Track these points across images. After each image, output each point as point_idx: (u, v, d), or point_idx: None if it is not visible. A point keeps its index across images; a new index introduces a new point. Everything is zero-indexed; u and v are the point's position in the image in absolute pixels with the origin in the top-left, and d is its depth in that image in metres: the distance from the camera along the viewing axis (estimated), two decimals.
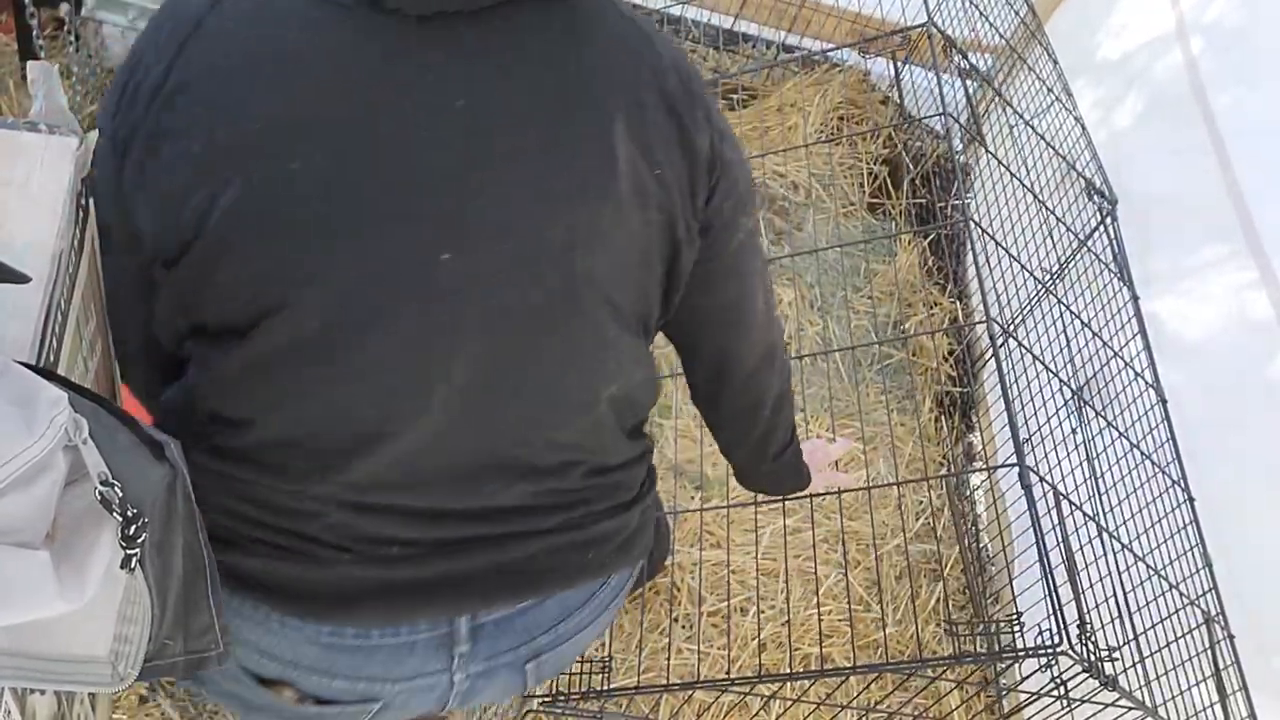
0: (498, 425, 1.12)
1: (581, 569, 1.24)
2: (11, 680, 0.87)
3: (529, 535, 1.19)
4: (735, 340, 1.35)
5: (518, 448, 1.14)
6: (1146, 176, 2.85)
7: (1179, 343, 2.58)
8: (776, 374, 1.45)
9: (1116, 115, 3.04)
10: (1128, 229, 2.78)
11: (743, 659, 2.55)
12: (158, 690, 2.26)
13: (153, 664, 1.01)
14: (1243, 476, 2.30)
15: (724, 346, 1.36)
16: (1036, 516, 1.79)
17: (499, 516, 1.17)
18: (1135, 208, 2.82)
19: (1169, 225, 2.73)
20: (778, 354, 1.43)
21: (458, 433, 1.10)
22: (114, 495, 0.83)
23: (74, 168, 0.99)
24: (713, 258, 1.20)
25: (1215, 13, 2.82)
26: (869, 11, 3.51)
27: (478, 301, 1.04)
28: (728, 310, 1.30)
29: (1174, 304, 2.61)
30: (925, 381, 3.28)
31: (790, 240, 3.46)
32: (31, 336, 0.93)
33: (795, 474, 1.62)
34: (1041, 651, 1.67)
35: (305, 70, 0.93)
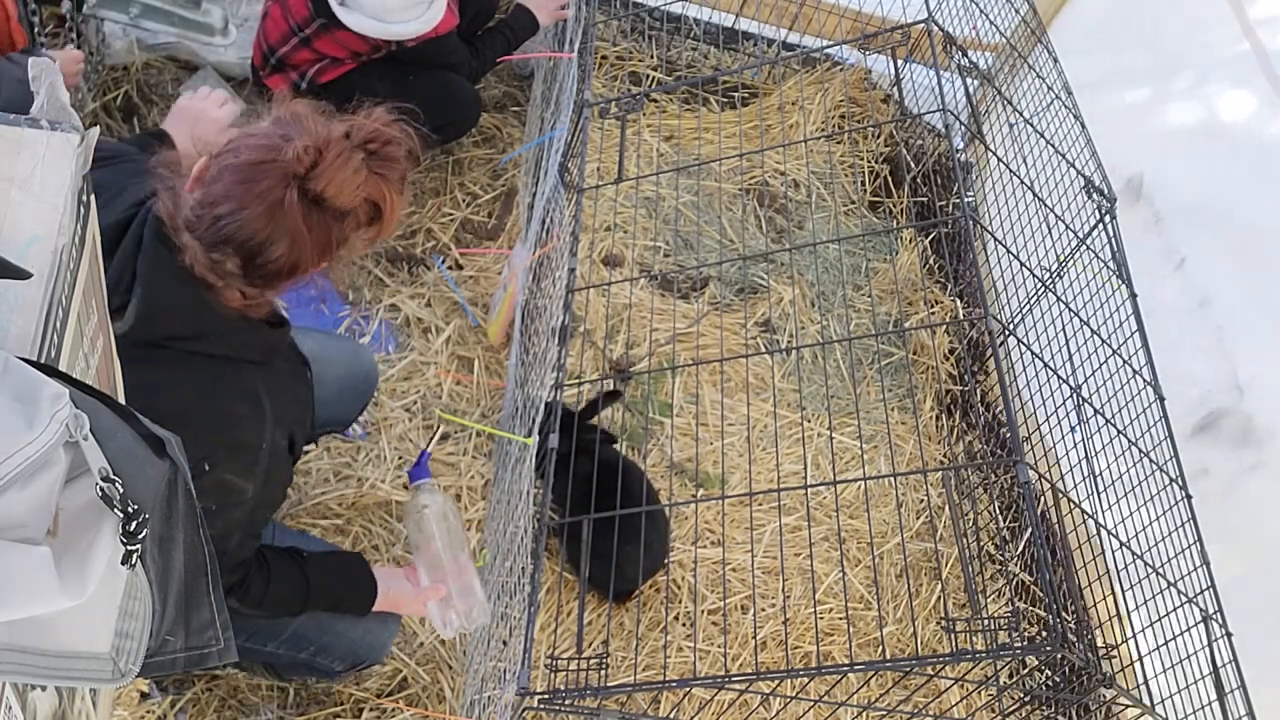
0: None
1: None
2: (13, 675, 0.88)
3: None
4: None
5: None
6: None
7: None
8: None
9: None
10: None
11: (742, 657, 2.56)
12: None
13: (154, 660, 1.01)
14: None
15: None
16: (1034, 514, 1.79)
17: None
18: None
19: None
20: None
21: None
22: (115, 491, 0.84)
23: (75, 164, 1.00)
24: None
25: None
26: (869, 9, 3.51)
27: None
28: None
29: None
30: (926, 380, 3.29)
31: (790, 238, 3.46)
32: (33, 332, 0.94)
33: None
34: (1040, 649, 1.67)
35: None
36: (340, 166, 1.55)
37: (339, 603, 2.03)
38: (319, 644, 2.08)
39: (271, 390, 1.72)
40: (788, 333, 3.22)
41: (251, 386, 1.69)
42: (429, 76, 3.09)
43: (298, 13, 2.91)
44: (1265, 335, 2.63)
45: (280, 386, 1.76)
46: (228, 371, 1.66)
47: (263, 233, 1.54)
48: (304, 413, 1.89)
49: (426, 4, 2.90)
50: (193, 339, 1.60)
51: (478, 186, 3.37)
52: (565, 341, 2.06)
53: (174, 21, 3.05)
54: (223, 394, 1.64)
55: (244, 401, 1.67)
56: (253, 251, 1.55)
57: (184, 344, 1.61)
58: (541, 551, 1.91)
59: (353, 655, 2.12)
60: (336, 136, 1.57)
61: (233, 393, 1.65)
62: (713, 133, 3.61)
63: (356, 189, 1.57)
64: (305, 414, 1.90)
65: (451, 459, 2.77)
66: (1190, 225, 2.85)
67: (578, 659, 1.76)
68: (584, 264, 3.11)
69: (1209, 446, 2.58)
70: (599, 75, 3.75)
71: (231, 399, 1.65)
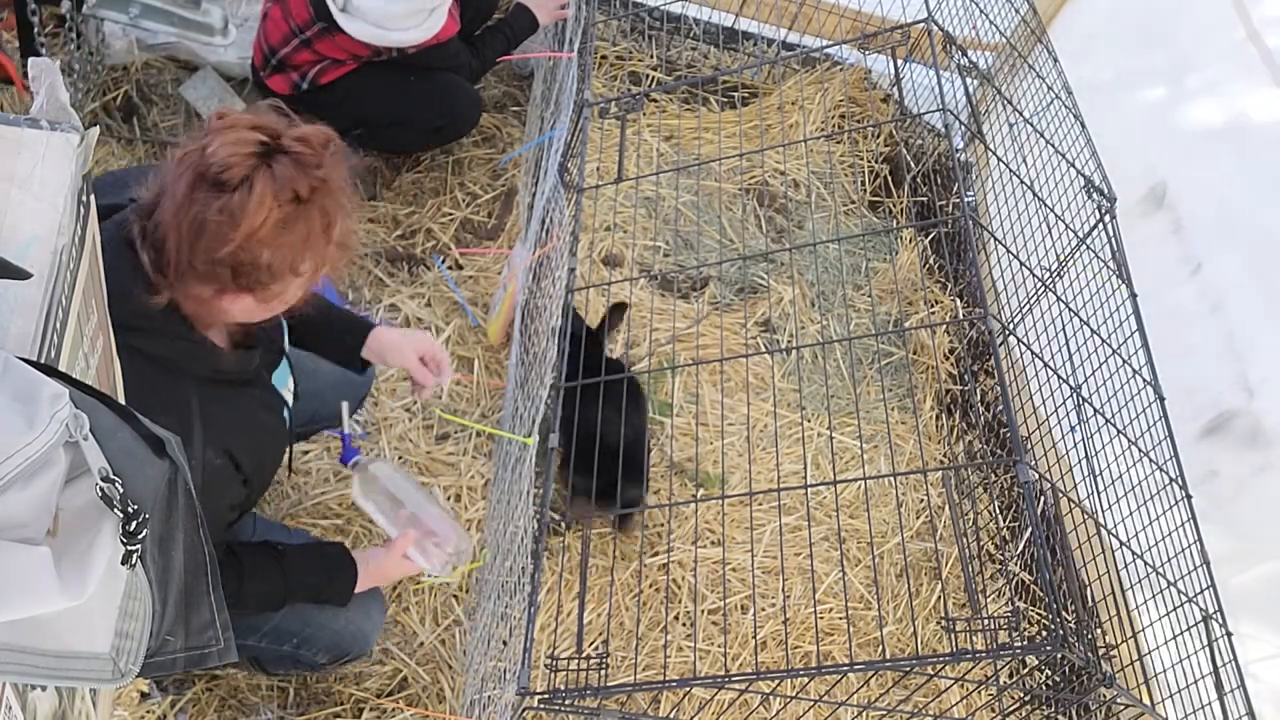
0: None
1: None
2: (13, 676, 0.88)
3: None
4: None
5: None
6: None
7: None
8: None
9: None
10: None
11: (742, 656, 2.56)
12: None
13: (154, 660, 1.01)
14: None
15: None
16: (1035, 513, 1.79)
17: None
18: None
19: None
20: None
21: None
22: (115, 491, 0.84)
23: (75, 164, 0.99)
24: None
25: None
26: (869, 9, 3.51)
27: None
28: None
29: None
30: (926, 380, 3.29)
31: (790, 238, 3.46)
32: (33, 332, 0.94)
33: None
34: (1040, 649, 1.67)
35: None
36: (223, 133, 1.52)
37: (319, 594, 2.03)
38: (301, 636, 2.08)
39: (210, 409, 1.68)
40: (788, 332, 3.22)
41: (184, 399, 1.65)
42: (429, 78, 3.09)
43: (298, 15, 2.91)
44: (1276, 336, 2.63)
45: (227, 407, 1.73)
46: (161, 378, 1.62)
47: (166, 217, 1.54)
48: (262, 441, 1.87)
49: (427, 12, 2.90)
50: (130, 330, 1.54)
51: (478, 186, 3.37)
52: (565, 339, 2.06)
53: (174, 21, 3.05)
54: (146, 397, 1.49)
55: (169, 414, 1.58)
56: (159, 243, 1.55)
57: (122, 334, 1.58)
58: (541, 551, 1.91)
59: (336, 647, 2.11)
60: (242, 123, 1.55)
61: (156, 401, 1.53)
62: (713, 132, 3.61)
63: (243, 160, 1.51)
64: (264, 442, 1.88)
65: (451, 459, 2.77)
66: (1207, 231, 2.85)
67: (578, 659, 1.76)
68: (584, 264, 3.11)
69: (1219, 449, 2.58)
70: (599, 75, 3.75)
71: (154, 409, 1.56)
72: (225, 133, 1.52)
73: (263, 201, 1.51)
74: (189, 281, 1.56)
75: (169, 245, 1.53)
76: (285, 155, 1.54)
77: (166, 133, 3.23)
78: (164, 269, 1.55)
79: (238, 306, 1.61)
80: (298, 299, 1.69)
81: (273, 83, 3.04)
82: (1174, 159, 3.00)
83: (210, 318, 1.66)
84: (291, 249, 1.56)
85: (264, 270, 1.56)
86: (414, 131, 3.23)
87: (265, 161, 1.52)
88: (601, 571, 2.61)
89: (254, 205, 1.50)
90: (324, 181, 1.56)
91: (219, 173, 1.50)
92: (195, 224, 1.51)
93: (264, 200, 1.51)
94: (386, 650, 2.43)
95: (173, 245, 1.53)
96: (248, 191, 1.50)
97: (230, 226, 1.51)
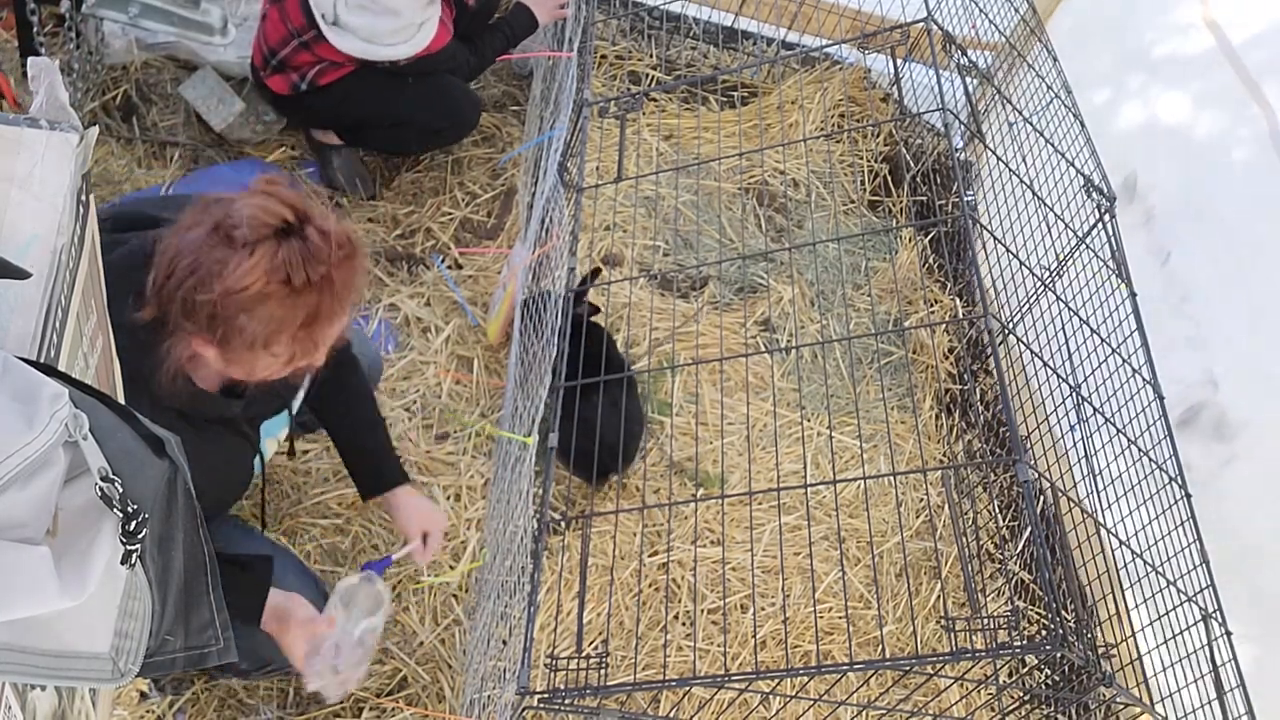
0: None
1: None
2: (13, 675, 0.88)
3: None
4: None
5: None
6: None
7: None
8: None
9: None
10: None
11: (742, 656, 2.56)
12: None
13: (153, 659, 1.01)
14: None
15: None
16: (1034, 513, 1.79)
17: None
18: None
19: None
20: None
21: None
22: (114, 491, 0.84)
23: (74, 163, 0.99)
24: None
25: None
26: (869, 8, 3.51)
27: None
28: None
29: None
30: (925, 379, 3.29)
31: (790, 237, 3.46)
32: (32, 332, 0.94)
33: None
34: (1040, 648, 1.67)
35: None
36: (258, 197, 1.58)
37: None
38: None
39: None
40: (787, 332, 3.22)
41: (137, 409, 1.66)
42: (429, 80, 3.09)
43: (295, 19, 2.91)
44: (1238, 327, 2.64)
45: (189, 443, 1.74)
46: (125, 384, 1.64)
47: (176, 245, 1.59)
48: (205, 481, 1.88)
49: (416, 27, 2.90)
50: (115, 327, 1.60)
51: (477, 186, 3.37)
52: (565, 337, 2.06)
53: (173, 21, 3.05)
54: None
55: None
56: (162, 265, 1.59)
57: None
58: (541, 551, 1.91)
59: (256, 656, 2.07)
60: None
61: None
62: (712, 132, 3.61)
63: (258, 227, 1.56)
64: (207, 482, 1.89)
65: (451, 458, 2.77)
66: (1175, 222, 2.87)
67: (577, 658, 1.76)
68: (584, 263, 3.11)
69: (1189, 441, 2.59)
70: (598, 74, 3.75)
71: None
72: (260, 197, 1.59)
73: (253, 270, 1.55)
74: (172, 310, 1.60)
75: (165, 269, 1.58)
76: (298, 240, 1.58)
77: (166, 132, 3.23)
78: (158, 290, 1.60)
79: (207, 353, 1.65)
80: (269, 375, 1.71)
81: (272, 83, 3.04)
82: (1142, 151, 3.03)
83: (183, 352, 1.67)
84: (266, 325, 1.60)
85: (237, 332, 1.60)
86: (413, 133, 3.23)
87: (278, 237, 1.57)
88: (601, 571, 2.61)
89: (244, 269, 1.55)
90: (322, 279, 1.59)
91: (232, 228, 1.56)
92: (193, 262, 1.56)
93: (255, 269, 1.55)
94: (386, 650, 2.43)
95: (167, 271, 1.58)
96: (246, 255, 1.55)
97: (217, 278, 1.55)
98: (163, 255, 1.59)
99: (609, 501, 2.76)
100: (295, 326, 1.61)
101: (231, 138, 3.22)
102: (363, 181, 3.27)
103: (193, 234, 1.58)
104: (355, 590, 2.10)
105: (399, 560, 2.20)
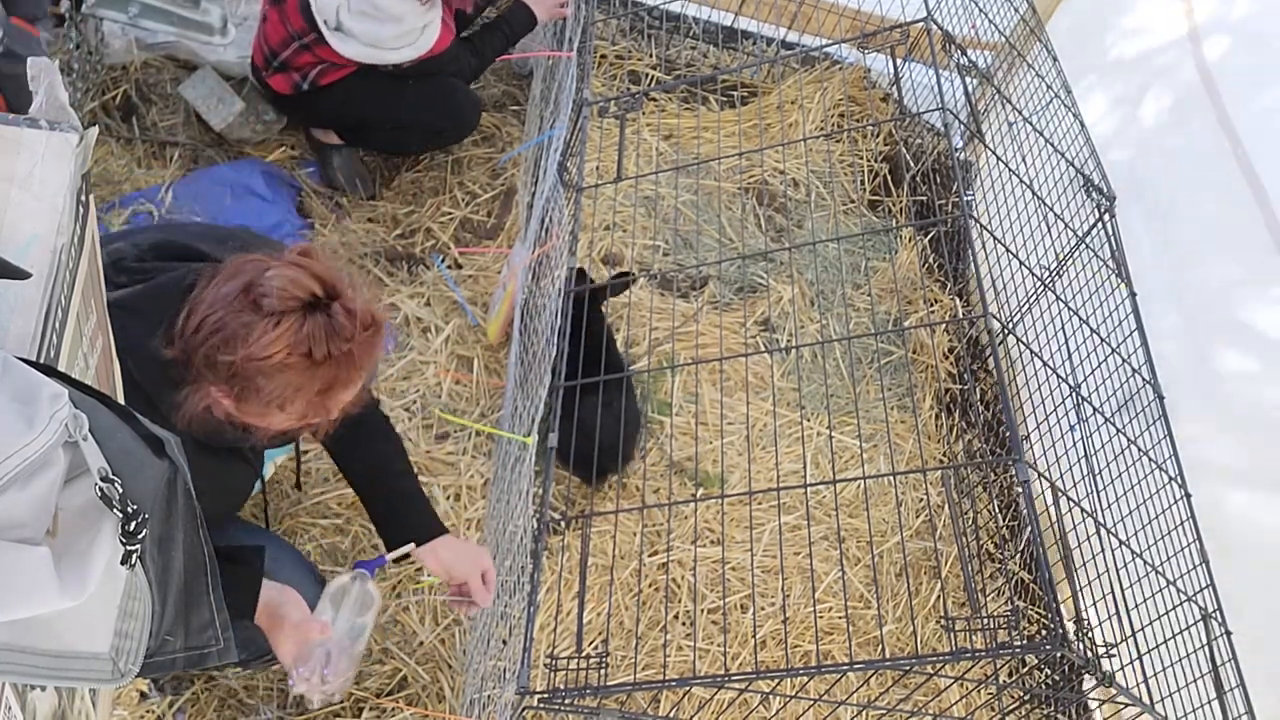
0: None
1: None
2: (13, 676, 0.88)
3: None
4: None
5: None
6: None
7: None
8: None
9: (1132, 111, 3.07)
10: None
11: (742, 656, 2.56)
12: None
13: (153, 660, 1.01)
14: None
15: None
16: (1034, 512, 1.79)
17: None
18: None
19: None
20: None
21: None
22: (114, 492, 0.84)
23: (74, 164, 0.99)
24: None
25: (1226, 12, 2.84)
26: (869, 8, 3.51)
27: None
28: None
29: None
30: (925, 379, 3.29)
31: (790, 237, 3.46)
32: (32, 332, 0.94)
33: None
34: (1039, 648, 1.68)
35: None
36: (291, 268, 1.61)
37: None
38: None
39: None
40: (787, 332, 3.22)
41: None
42: (430, 81, 3.09)
43: (295, 22, 2.91)
44: (1176, 314, 2.66)
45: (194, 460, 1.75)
46: (140, 406, 1.65)
47: (207, 299, 1.61)
48: (219, 499, 1.93)
49: (419, 31, 2.90)
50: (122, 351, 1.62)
51: (477, 185, 3.37)
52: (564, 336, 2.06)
53: (173, 21, 3.05)
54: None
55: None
56: (190, 313, 1.62)
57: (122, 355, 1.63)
58: (541, 551, 1.91)
59: (255, 645, 2.04)
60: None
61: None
62: (712, 132, 3.61)
63: (286, 299, 1.58)
64: (220, 502, 1.94)
65: (451, 458, 2.77)
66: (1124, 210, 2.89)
67: (577, 658, 1.76)
68: (583, 263, 3.11)
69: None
70: (598, 74, 3.74)
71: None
72: (293, 268, 1.61)
73: (277, 341, 1.58)
74: (195, 360, 1.63)
75: (193, 321, 1.61)
76: (325, 316, 1.60)
77: (165, 132, 3.23)
78: (185, 338, 1.63)
79: (224, 402, 1.68)
80: (282, 429, 1.74)
81: (274, 82, 3.04)
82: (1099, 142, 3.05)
83: (202, 399, 1.70)
84: (284, 390, 1.62)
85: (255, 391, 1.63)
86: (414, 134, 3.23)
87: (305, 311, 1.59)
88: (601, 571, 2.61)
89: (268, 339, 1.57)
90: (344, 355, 1.63)
91: (262, 295, 1.58)
92: (219, 320, 1.59)
93: (279, 341, 1.58)
94: (386, 650, 2.43)
95: (194, 323, 1.61)
96: (271, 325, 1.58)
97: (241, 342, 1.58)
98: (194, 305, 1.62)
99: (609, 501, 2.76)
100: (312, 393, 1.65)
101: (231, 137, 3.22)
102: (363, 181, 3.27)
103: (224, 290, 1.61)
104: (347, 589, 2.08)
105: (394, 560, 2.17)
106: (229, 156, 3.22)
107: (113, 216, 2.93)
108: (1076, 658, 1.66)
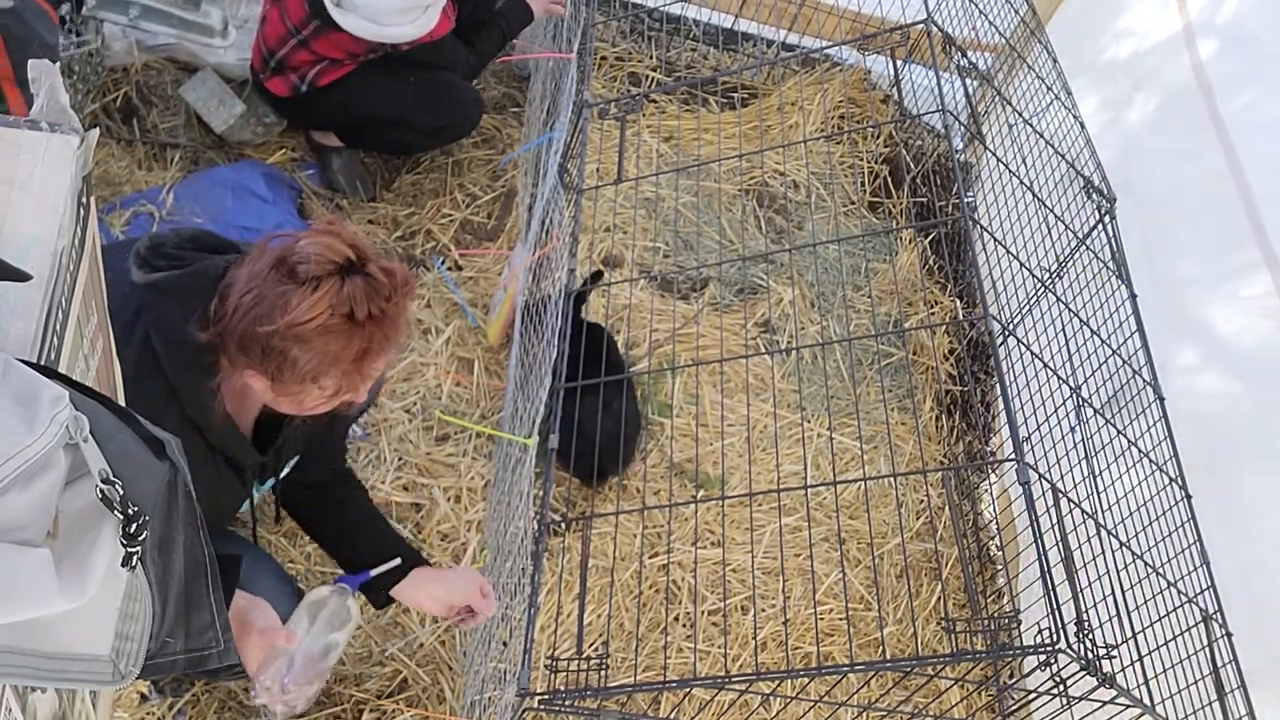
0: None
1: None
2: (14, 678, 0.88)
3: None
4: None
5: None
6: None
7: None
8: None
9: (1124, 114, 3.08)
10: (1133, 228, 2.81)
11: (742, 657, 2.56)
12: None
13: (154, 662, 1.01)
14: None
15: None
16: (1035, 514, 1.79)
17: None
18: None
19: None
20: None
21: None
22: (115, 493, 0.84)
23: (75, 166, 0.99)
24: None
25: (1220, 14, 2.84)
26: (869, 10, 3.51)
27: None
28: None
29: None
30: (925, 380, 3.29)
31: (790, 239, 3.46)
32: (33, 334, 0.94)
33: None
34: (1040, 649, 1.67)
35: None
36: (321, 236, 1.62)
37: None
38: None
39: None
40: (787, 333, 3.22)
41: (159, 412, 1.68)
42: (429, 78, 3.09)
43: (295, 14, 2.91)
44: (1161, 315, 2.67)
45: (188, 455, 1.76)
46: (160, 393, 1.69)
47: (240, 280, 1.63)
48: (209, 510, 1.90)
49: (422, 9, 2.90)
50: (166, 341, 1.65)
51: (477, 187, 3.37)
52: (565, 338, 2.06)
53: (173, 23, 3.05)
54: (130, 394, 1.57)
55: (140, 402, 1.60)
56: (224, 296, 1.63)
57: (159, 342, 1.66)
58: (542, 552, 1.91)
59: (236, 654, 2.06)
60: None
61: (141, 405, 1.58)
62: (712, 133, 3.61)
63: (323, 264, 1.59)
64: (209, 512, 1.91)
65: (451, 460, 2.77)
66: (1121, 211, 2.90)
67: (578, 659, 1.76)
68: (584, 265, 3.11)
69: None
70: (598, 76, 3.75)
71: (133, 396, 1.58)
72: (323, 236, 1.63)
73: (319, 303, 1.59)
74: (227, 339, 1.65)
75: (229, 302, 1.62)
76: (362, 276, 1.62)
77: (166, 134, 3.23)
78: (219, 319, 1.64)
79: (257, 384, 1.69)
80: (316, 409, 1.76)
81: (272, 85, 3.04)
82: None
83: (235, 383, 1.72)
84: (320, 358, 1.63)
85: (289, 365, 1.63)
86: (414, 132, 3.23)
87: (342, 274, 1.61)
88: (601, 572, 2.61)
89: (310, 303, 1.59)
90: (383, 314, 1.65)
91: (297, 263, 1.60)
92: (256, 295, 1.61)
93: (321, 303, 1.59)
94: (386, 652, 2.43)
95: (231, 304, 1.62)
96: (311, 290, 1.59)
97: (281, 311, 1.59)
98: (228, 288, 1.64)
99: (609, 503, 2.76)
100: (348, 361, 1.65)
101: (232, 140, 3.22)
102: (363, 183, 3.28)
103: (257, 267, 1.62)
104: (324, 602, 2.04)
105: (377, 575, 2.12)
106: (230, 158, 3.22)
107: (114, 218, 2.93)
108: (1077, 659, 1.66)
